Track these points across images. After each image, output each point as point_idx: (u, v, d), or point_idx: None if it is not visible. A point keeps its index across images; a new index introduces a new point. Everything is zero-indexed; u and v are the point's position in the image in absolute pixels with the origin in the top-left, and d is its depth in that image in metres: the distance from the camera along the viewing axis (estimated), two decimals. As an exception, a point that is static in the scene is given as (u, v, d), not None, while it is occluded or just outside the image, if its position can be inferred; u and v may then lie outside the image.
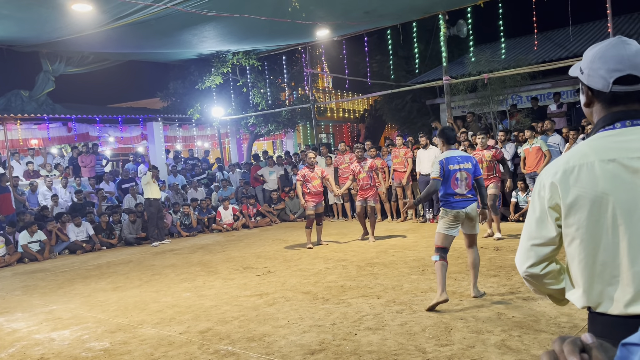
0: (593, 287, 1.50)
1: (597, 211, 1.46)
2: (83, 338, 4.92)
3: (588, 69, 1.53)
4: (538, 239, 1.57)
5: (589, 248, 1.49)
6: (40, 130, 14.48)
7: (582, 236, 1.50)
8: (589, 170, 1.48)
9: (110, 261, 9.54)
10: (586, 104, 1.59)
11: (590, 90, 1.55)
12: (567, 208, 1.50)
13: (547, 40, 17.09)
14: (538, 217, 1.57)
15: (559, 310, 4.46)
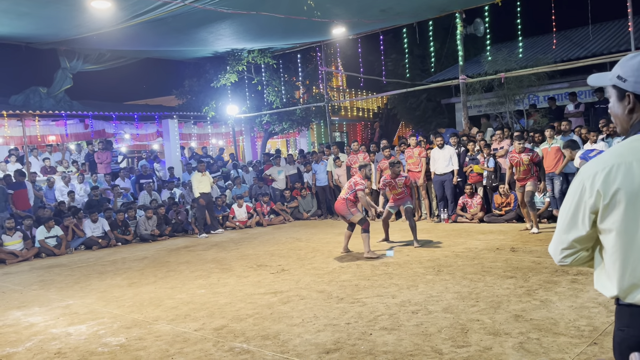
0: (624, 279, 1.60)
1: (632, 208, 1.57)
2: (99, 333, 4.96)
3: (635, 77, 1.62)
4: (572, 234, 1.69)
5: (624, 242, 1.59)
6: (58, 127, 14.63)
7: (617, 230, 1.59)
8: (627, 169, 1.58)
9: (126, 257, 9.61)
10: (630, 110, 1.67)
11: (636, 97, 1.64)
12: (605, 205, 1.60)
13: (566, 40, 16.88)
14: (573, 213, 1.67)
15: (579, 314, 4.39)
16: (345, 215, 8.01)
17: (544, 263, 6.42)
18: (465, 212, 10.63)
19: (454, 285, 5.69)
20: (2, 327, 5.46)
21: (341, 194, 8.25)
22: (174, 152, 16.30)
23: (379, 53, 15.54)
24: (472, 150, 10.91)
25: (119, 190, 12.88)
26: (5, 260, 9.78)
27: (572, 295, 4.94)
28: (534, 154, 8.77)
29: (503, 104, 12.64)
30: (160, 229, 11.75)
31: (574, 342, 3.80)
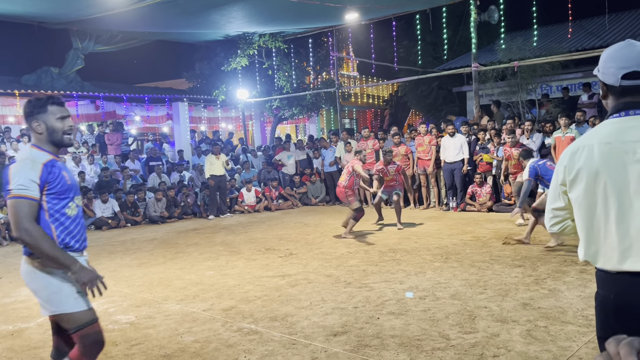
0: (590, 246, 1.84)
1: (592, 185, 1.80)
2: (110, 311, 5.02)
3: (602, 68, 1.86)
4: (554, 204, 1.97)
5: (586, 214, 1.84)
6: (69, 107, 14.67)
7: (580, 204, 1.85)
8: (589, 150, 1.81)
9: (135, 238, 9.69)
10: (602, 97, 1.92)
11: (605, 85, 1.87)
12: (570, 182, 1.86)
13: (581, 29, 16.64)
14: (554, 189, 1.95)
15: (587, 303, 4.39)
16: (344, 202, 8.62)
17: (553, 253, 6.40)
18: (474, 201, 10.60)
19: (462, 272, 5.70)
20: (14, 302, 5.54)
21: (340, 180, 8.72)
22: (184, 135, 16.34)
23: (391, 39, 15.43)
24: (483, 139, 10.85)
25: (128, 172, 12.95)
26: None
27: (581, 285, 4.93)
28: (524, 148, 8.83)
29: (515, 93, 12.50)
30: (169, 211, 11.82)
31: (581, 330, 3.80)
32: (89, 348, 2.56)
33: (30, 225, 2.40)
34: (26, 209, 2.41)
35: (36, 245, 2.41)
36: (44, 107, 2.57)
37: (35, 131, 2.58)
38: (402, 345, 3.73)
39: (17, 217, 2.38)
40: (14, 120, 13.69)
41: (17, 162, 2.49)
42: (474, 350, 3.56)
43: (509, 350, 3.52)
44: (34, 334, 4.48)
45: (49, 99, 2.61)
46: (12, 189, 2.41)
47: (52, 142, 2.60)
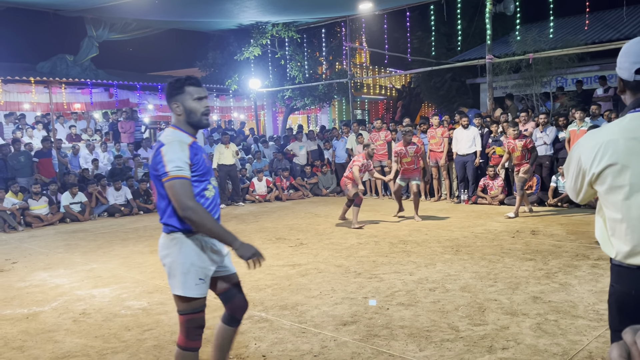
0: (614, 241, 1.86)
1: (618, 180, 1.80)
2: (122, 297, 5.10)
3: (618, 62, 1.90)
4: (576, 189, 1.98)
5: (612, 208, 1.85)
6: (84, 95, 14.82)
7: (605, 198, 1.86)
8: (614, 145, 1.81)
9: (147, 225, 9.78)
10: (620, 92, 1.95)
11: (622, 80, 1.90)
12: (596, 175, 1.86)
13: (598, 21, 16.40)
14: (575, 176, 1.95)
15: (598, 298, 4.37)
16: (344, 190, 8.72)
17: (564, 247, 6.37)
18: (485, 193, 10.55)
19: (472, 265, 5.70)
20: (29, 287, 5.64)
21: (346, 172, 8.88)
22: (196, 124, 16.38)
23: (405, 30, 15.32)
24: (496, 132, 10.77)
25: (139, 160, 13.04)
26: (32, 223, 10.05)
27: (592, 280, 4.91)
28: (527, 139, 8.91)
29: (529, 86, 12.38)
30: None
31: (592, 325, 3.79)
32: (190, 331, 2.66)
33: (193, 203, 2.45)
34: (186, 188, 2.46)
35: (201, 223, 2.45)
36: (181, 88, 2.60)
37: (175, 112, 2.62)
38: (411, 335, 3.75)
39: (179, 197, 2.42)
40: (29, 107, 13.83)
41: (165, 144, 2.50)
42: (483, 342, 3.57)
43: (518, 343, 3.52)
44: (49, 317, 4.56)
45: (186, 79, 2.63)
46: (168, 170, 2.44)
47: (190, 123, 2.63)
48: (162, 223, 2.63)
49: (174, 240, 2.59)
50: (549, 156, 10.13)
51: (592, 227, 7.60)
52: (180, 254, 2.58)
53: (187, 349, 2.66)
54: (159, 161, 2.48)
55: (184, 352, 2.67)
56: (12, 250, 7.82)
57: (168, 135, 2.58)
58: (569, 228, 7.62)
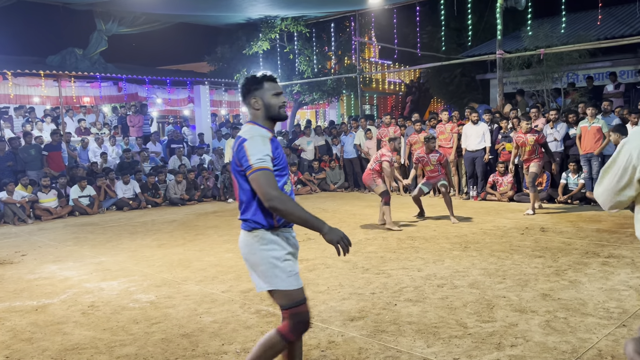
0: None
1: None
2: (130, 290, 5.12)
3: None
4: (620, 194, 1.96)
5: None
6: (93, 89, 14.87)
7: None
8: None
9: (155, 219, 9.82)
10: None
11: None
12: None
13: (610, 17, 16.20)
14: (620, 176, 1.93)
15: (608, 295, 4.33)
16: (370, 186, 8.16)
17: (574, 244, 6.32)
18: (494, 190, 10.49)
19: (481, 261, 5.66)
20: (38, 279, 5.68)
21: (369, 165, 8.37)
22: (205, 118, 16.43)
23: (415, 25, 15.22)
24: (505, 128, 10.69)
25: (145, 155, 13.07)
26: (41, 216, 10.11)
27: (603, 278, 4.86)
28: (540, 134, 8.72)
29: (540, 82, 12.26)
30: (189, 194, 11.94)
31: (602, 323, 3.75)
32: (296, 326, 2.63)
33: (278, 193, 2.46)
34: (270, 179, 2.47)
35: (289, 211, 2.46)
36: (260, 83, 2.65)
37: (253, 107, 2.65)
38: (419, 332, 3.74)
39: (265, 188, 2.44)
40: (38, 100, 13.90)
41: (247, 139, 2.53)
42: (491, 339, 3.54)
43: (527, 340, 3.50)
44: (58, 309, 4.59)
45: (264, 75, 2.68)
46: (252, 163, 2.46)
47: (269, 117, 2.67)
48: (242, 219, 2.63)
49: (256, 237, 2.59)
50: (559, 153, 10.03)
51: (602, 224, 7.53)
52: (265, 250, 2.58)
53: (285, 339, 2.64)
54: (242, 156, 2.50)
55: (279, 339, 2.64)
56: (22, 243, 7.88)
57: (249, 130, 2.60)
58: (578, 225, 7.55)
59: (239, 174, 2.57)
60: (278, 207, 2.44)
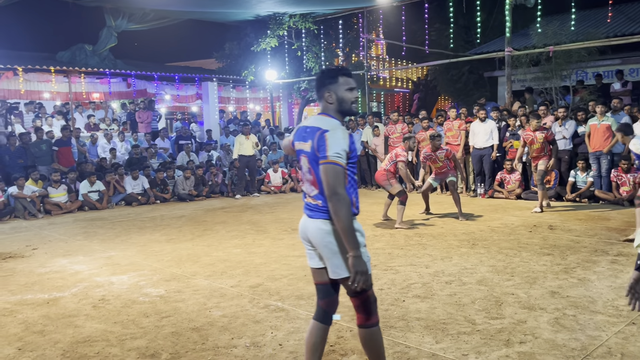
0: None
1: None
2: (140, 284, 5.16)
3: None
4: None
5: None
6: (102, 85, 14.96)
7: None
8: None
9: (164, 214, 9.88)
10: None
11: None
12: None
13: (621, 14, 16.08)
14: None
15: (618, 293, 4.32)
16: (385, 186, 8.08)
17: (582, 242, 6.30)
18: (502, 187, 10.46)
19: (489, 259, 5.66)
20: (49, 272, 5.74)
21: (382, 164, 8.33)
22: (213, 115, 16.47)
23: (423, 22, 15.18)
24: (513, 126, 10.66)
25: (151, 151, 13.12)
26: (51, 211, 10.20)
27: (612, 276, 4.85)
28: (549, 132, 8.66)
29: (549, 79, 12.20)
30: (197, 190, 12.00)
31: (611, 320, 3.75)
32: (373, 305, 2.69)
33: (344, 192, 2.49)
34: (340, 176, 2.51)
35: (343, 213, 2.47)
36: (335, 77, 2.68)
37: (326, 101, 2.69)
38: (427, 328, 3.75)
39: (332, 182, 2.48)
40: (49, 96, 14.00)
41: (329, 130, 2.56)
42: (500, 336, 3.55)
43: (536, 337, 3.50)
44: (69, 302, 4.64)
45: (340, 70, 2.72)
46: (328, 155, 2.50)
47: (341, 111, 2.71)
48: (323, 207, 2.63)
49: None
50: (567, 151, 10.00)
51: (611, 222, 7.51)
52: None
53: (376, 324, 2.71)
54: (322, 145, 2.54)
55: (374, 329, 2.71)
56: (33, 237, 7.96)
57: (327, 122, 2.62)
58: (587, 224, 7.53)
59: (317, 163, 2.59)
60: (336, 205, 2.47)
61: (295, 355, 3.39)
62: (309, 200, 2.72)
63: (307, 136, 2.67)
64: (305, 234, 2.74)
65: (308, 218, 2.72)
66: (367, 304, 2.67)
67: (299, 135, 2.74)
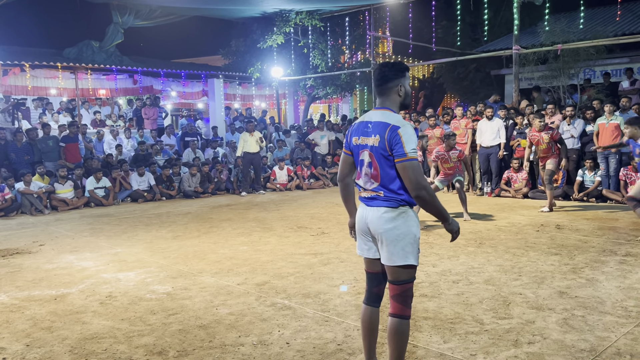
0: None
1: None
2: (147, 281, 5.17)
3: None
4: None
5: None
6: (109, 81, 14.98)
7: None
8: None
9: (170, 211, 9.89)
10: None
11: None
12: None
13: (629, 12, 15.96)
14: None
15: (627, 294, 4.29)
16: None
17: (590, 242, 6.27)
18: (509, 186, 10.42)
19: (496, 258, 5.64)
20: (56, 269, 5.75)
21: None
22: (219, 111, 16.47)
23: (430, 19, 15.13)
24: (521, 124, 10.60)
25: (156, 148, 13.13)
26: (57, 207, 10.24)
27: (620, 276, 4.82)
28: (554, 131, 8.60)
29: (556, 78, 12.13)
30: (203, 187, 12.01)
31: (620, 321, 3.72)
32: (409, 299, 2.82)
33: (427, 184, 2.66)
34: (420, 170, 2.69)
35: (432, 201, 2.67)
36: (404, 72, 2.85)
37: (397, 94, 2.83)
38: (435, 327, 3.74)
39: (417, 177, 2.63)
40: (55, 92, 14.03)
41: (400, 126, 2.67)
42: (508, 336, 3.53)
43: (544, 338, 3.48)
44: (76, 299, 4.65)
45: (405, 65, 2.88)
46: (407, 152, 2.64)
47: (404, 104, 2.88)
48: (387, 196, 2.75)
49: (402, 213, 2.75)
50: (575, 150, 9.94)
51: (619, 222, 7.46)
52: (411, 226, 2.75)
53: (408, 318, 2.82)
54: (397, 142, 2.65)
55: (406, 321, 2.81)
56: (39, 233, 7.99)
57: (395, 117, 2.74)
58: (595, 223, 7.48)
59: (387, 158, 2.71)
60: (425, 197, 2.63)
61: (303, 353, 3.38)
62: (367, 194, 2.83)
63: (371, 131, 2.76)
64: (365, 222, 2.84)
65: (367, 207, 2.83)
66: (406, 295, 2.79)
67: (360, 131, 2.83)
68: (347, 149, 2.97)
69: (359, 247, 2.98)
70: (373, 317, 2.98)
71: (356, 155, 2.88)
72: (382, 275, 2.94)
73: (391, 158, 2.69)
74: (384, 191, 2.75)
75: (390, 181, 2.73)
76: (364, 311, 2.99)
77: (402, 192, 2.72)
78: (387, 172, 2.73)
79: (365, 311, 2.98)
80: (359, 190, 2.92)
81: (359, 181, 2.89)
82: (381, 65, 2.88)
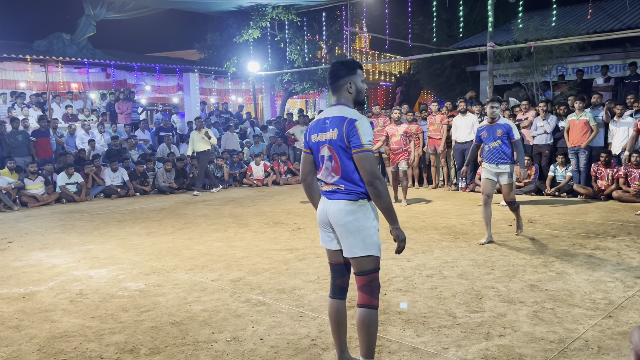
0: None
1: None
2: (119, 278, 5.09)
3: None
4: None
5: None
6: (81, 75, 14.68)
7: None
8: None
9: (144, 207, 9.76)
10: None
11: None
12: None
13: (600, 11, 16.27)
14: None
15: (595, 287, 4.38)
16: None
17: (561, 236, 6.39)
18: (483, 181, 10.54)
19: (470, 252, 5.71)
20: (25, 266, 5.62)
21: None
22: (194, 106, 16.29)
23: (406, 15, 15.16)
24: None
25: (131, 142, 12.92)
26: (27, 203, 10.00)
27: (589, 269, 4.93)
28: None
29: (530, 74, 12.32)
30: (178, 182, 11.87)
31: (588, 314, 3.80)
32: (376, 289, 2.88)
33: (381, 176, 2.74)
34: (375, 161, 2.79)
35: (384, 193, 2.73)
36: (354, 69, 2.90)
37: (347, 91, 2.90)
38: (408, 321, 3.76)
39: (372, 167, 2.72)
40: (25, 85, 13.69)
41: (357, 119, 2.74)
42: (480, 329, 3.58)
43: (515, 331, 3.54)
44: (45, 297, 4.55)
45: (356, 62, 2.96)
46: (363, 143, 2.71)
47: (356, 101, 2.94)
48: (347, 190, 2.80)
49: (362, 206, 2.81)
50: (548, 145, 10.11)
51: (589, 217, 7.62)
52: (369, 218, 2.81)
53: (376, 308, 2.88)
54: (354, 134, 2.72)
55: (374, 311, 2.87)
56: (8, 230, 7.80)
57: (351, 111, 2.82)
58: (566, 218, 7.63)
59: (345, 150, 2.77)
60: (378, 187, 2.70)
61: (277, 349, 3.37)
62: (328, 187, 2.88)
63: (329, 126, 2.82)
64: (325, 215, 2.90)
65: (328, 200, 2.89)
66: (372, 285, 2.85)
67: (318, 128, 2.88)
68: (307, 147, 3.00)
69: (321, 239, 3.03)
70: (340, 309, 3.01)
71: (316, 152, 2.93)
72: (345, 267, 3.00)
73: (349, 150, 2.75)
74: (345, 184, 2.80)
75: (350, 173, 2.79)
76: (330, 304, 3.03)
77: (361, 185, 2.79)
78: (347, 165, 2.79)
79: (332, 304, 3.02)
80: (320, 184, 2.97)
81: (320, 176, 2.94)
82: (333, 63, 2.95)
